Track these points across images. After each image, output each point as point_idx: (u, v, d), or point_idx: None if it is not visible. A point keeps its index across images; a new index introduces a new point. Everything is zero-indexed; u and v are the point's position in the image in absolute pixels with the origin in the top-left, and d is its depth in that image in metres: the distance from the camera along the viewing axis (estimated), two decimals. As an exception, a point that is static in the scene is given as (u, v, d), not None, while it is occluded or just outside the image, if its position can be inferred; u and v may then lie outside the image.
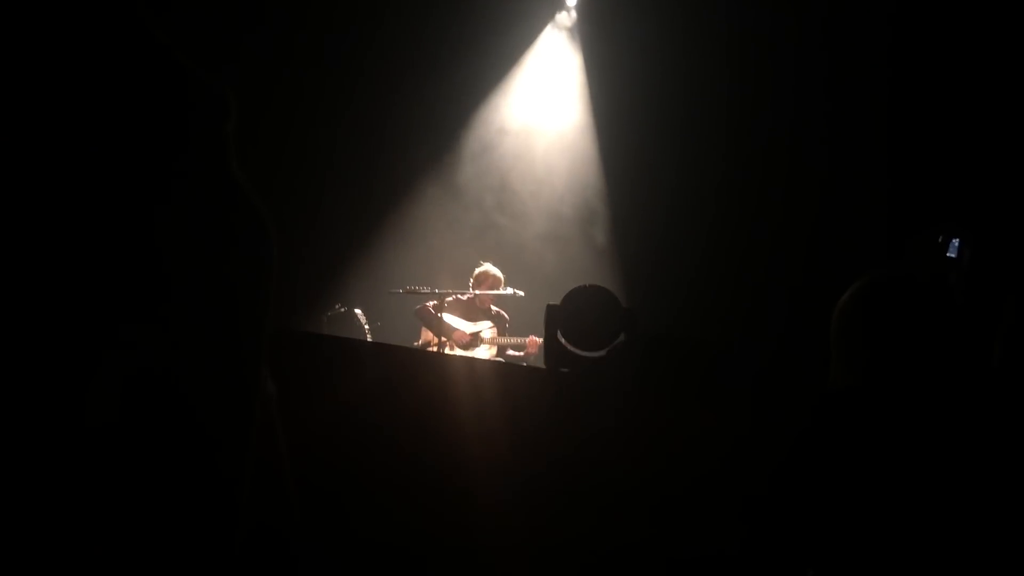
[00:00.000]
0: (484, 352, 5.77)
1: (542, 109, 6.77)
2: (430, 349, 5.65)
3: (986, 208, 4.96)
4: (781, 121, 5.93)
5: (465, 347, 5.73)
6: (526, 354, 5.69)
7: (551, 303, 3.42)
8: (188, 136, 0.77)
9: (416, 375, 2.87)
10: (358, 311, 6.04)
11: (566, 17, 6.71)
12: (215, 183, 0.78)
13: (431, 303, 5.74)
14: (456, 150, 6.70)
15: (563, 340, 3.36)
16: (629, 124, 6.44)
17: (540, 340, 5.23)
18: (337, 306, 6.08)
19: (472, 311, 5.85)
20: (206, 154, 0.78)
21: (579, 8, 6.67)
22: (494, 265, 5.89)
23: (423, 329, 5.85)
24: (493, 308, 5.89)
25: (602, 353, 3.35)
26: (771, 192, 5.92)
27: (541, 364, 3.78)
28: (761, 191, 5.95)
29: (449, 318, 5.71)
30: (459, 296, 5.82)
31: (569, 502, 2.61)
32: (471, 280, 5.85)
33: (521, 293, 5.75)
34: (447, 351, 5.57)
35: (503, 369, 3.19)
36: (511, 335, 5.83)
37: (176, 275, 0.74)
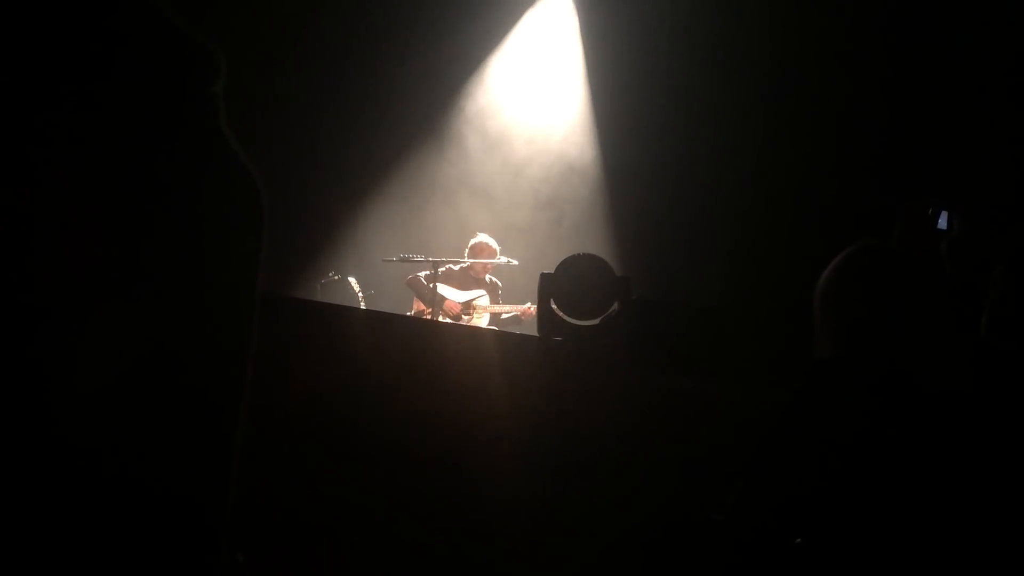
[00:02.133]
0: (477, 321, 5.77)
1: (538, 74, 6.72)
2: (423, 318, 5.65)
3: (976, 180, 4.97)
4: (778, 90, 5.90)
5: (456, 316, 5.74)
6: (518, 323, 5.70)
7: (545, 271, 3.43)
8: (175, 97, 0.75)
9: (408, 342, 2.89)
10: (352, 279, 6.03)
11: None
12: (204, 145, 0.76)
13: (422, 273, 5.73)
14: (451, 116, 6.66)
15: (556, 309, 3.38)
16: (625, 90, 6.40)
17: (533, 308, 5.24)
18: (331, 273, 6.08)
19: (466, 280, 5.85)
20: (195, 115, 0.76)
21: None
22: (488, 235, 5.88)
23: (415, 298, 5.85)
24: (488, 278, 5.89)
25: (595, 321, 3.37)
26: (766, 161, 5.91)
27: (534, 333, 3.80)
28: (757, 160, 5.94)
29: (442, 287, 5.70)
30: (452, 266, 5.81)
31: (562, 467, 2.64)
32: (467, 250, 5.85)
33: (515, 262, 5.75)
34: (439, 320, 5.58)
35: (495, 336, 3.20)
36: (504, 304, 5.84)
37: (164, 239, 0.73)
